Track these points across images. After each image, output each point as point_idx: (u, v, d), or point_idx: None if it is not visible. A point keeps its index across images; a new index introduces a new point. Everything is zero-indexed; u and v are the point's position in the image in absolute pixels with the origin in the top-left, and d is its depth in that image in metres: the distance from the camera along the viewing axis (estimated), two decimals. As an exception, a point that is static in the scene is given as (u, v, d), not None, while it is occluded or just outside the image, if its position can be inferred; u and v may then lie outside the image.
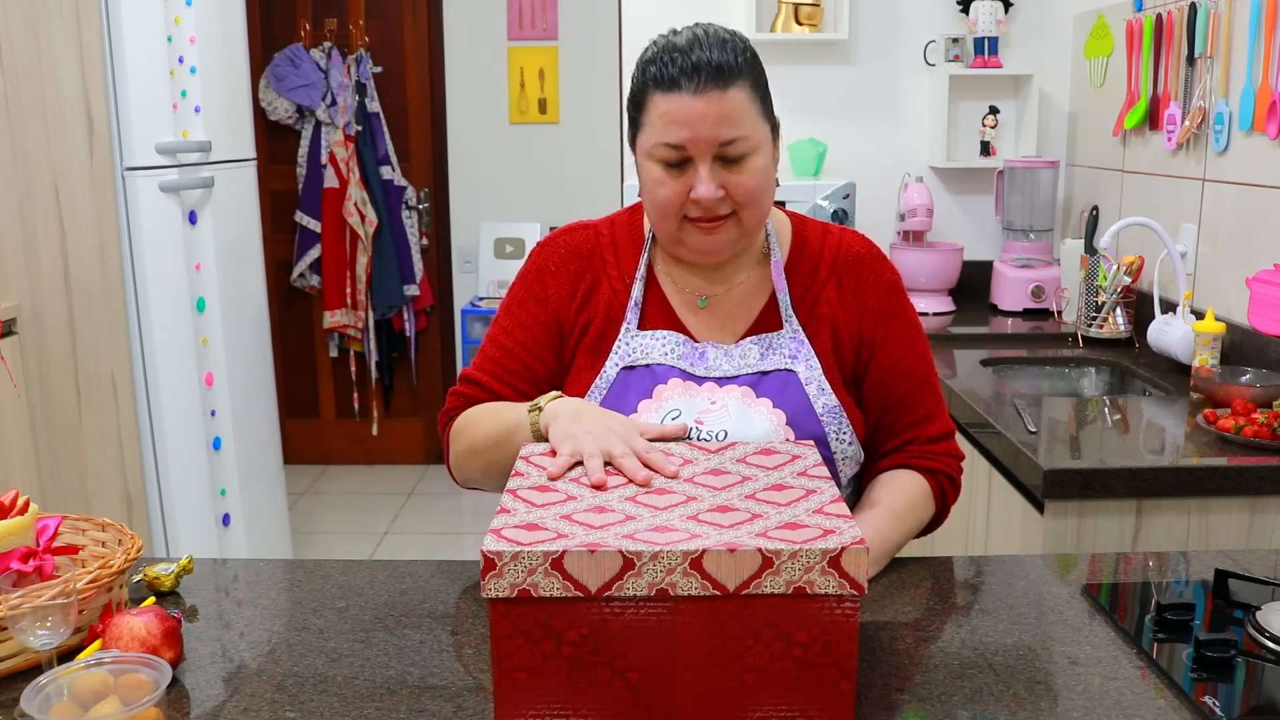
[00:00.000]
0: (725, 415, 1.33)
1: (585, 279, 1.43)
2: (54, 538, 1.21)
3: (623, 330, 1.39)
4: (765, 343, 1.38)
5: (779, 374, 1.36)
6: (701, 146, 1.26)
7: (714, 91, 1.25)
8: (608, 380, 1.37)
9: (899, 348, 1.41)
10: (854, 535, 0.95)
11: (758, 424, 1.33)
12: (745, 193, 1.29)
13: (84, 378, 2.79)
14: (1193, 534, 1.80)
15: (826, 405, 1.35)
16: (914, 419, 1.42)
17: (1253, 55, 2.32)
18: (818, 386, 1.36)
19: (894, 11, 3.35)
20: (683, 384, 1.35)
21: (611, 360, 1.38)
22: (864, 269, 1.42)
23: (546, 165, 4.68)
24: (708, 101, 1.25)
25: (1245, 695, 1.10)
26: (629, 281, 1.42)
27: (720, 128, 1.26)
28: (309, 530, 4.21)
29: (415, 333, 4.82)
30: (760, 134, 1.30)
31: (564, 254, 1.45)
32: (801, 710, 0.96)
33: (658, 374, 1.36)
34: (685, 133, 1.26)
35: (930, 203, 3.25)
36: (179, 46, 2.90)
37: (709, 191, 1.27)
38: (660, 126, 1.28)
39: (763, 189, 1.31)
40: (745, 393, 1.35)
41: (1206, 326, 2.26)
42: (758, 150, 1.29)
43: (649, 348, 1.38)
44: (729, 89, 1.26)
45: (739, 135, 1.27)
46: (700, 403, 1.34)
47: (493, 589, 0.93)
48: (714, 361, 1.37)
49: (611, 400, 1.36)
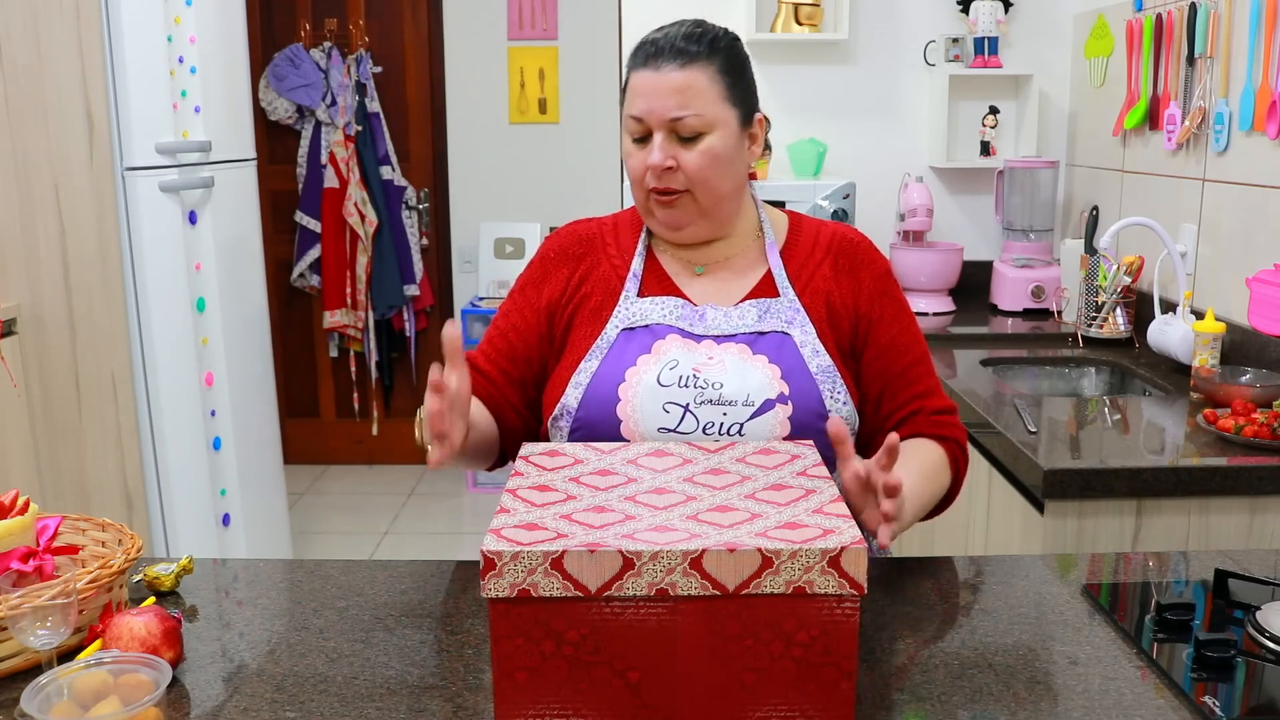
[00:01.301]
0: (722, 368, 1.37)
1: (585, 261, 1.50)
2: (54, 538, 1.21)
3: (622, 298, 1.45)
4: (763, 306, 1.43)
5: (775, 335, 1.41)
6: (654, 118, 1.37)
7: (671, 69, 1.36)
8: (608, 341, 1.42)
9: (895, 326, 1.46)
10: (853, 535, 0.95)
11: (754, 377, 1.37)
12: (694, 169, 1.37)
13: (84, 378, 2.79)
14: (1193, 534, 1.80)
15: (820, 365, 1.40)
16: (917, 392, 1.45)
17: (1253, 55, 2.32)
18: (812, 349, 1.40)
19: (894, 11, 3.35)
20: (681, 339, 1.40)
21: (612, 323, 1.43)
22: (858, 252, 1.49)
23: (546, 165, 4.68)
24: (663, 77, 1.36)
25: (1245, 695, 1.10)
26: (628, 259, 1.49)
27: (671, 101, 1.36)
28: (309, 530, 4.21)
29: (415, 333, 4.82)
30: (718, 115, 1.38)
31: (565, 241, 1.53)
32: (801, 710, 0.96)
33: (656, 332, 1.41)
34: (642, 104, 1.37)
35: (930, 203, 3.25)
36: (179, 46, 2.90)
37: (656, 159, 1.37)
38: (629, 100, 1.40)
39: (715, 169, 1.38)
40: (742, 349, 1.39)
41: (1206, 326, 2.26)
42: (713, 130, 1.37)
43: (648, 311, 1.43)
44: (687, 68, 1.36)
45: (690, 113, 1.36)
46: (698, 356, 1.39)
47: (492, 589, 0.93)
48: (713, 321, 1.42)
49: (611, 358, 1.40)
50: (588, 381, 1.39)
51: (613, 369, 1.39)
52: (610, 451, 1.21)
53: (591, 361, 1.41)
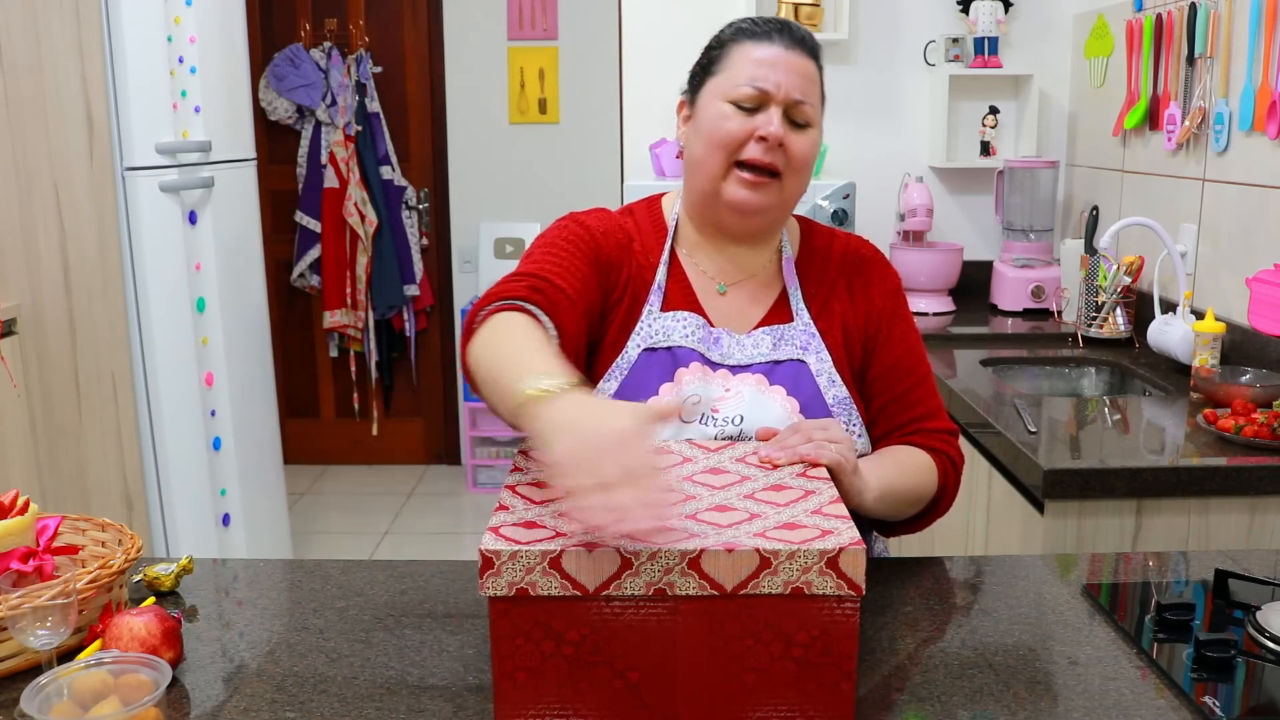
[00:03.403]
0: (740, 401, 1.35)
1: (624, 260, 1.42)
2: (54, 538, 1.21)
3: (645, 312, 1.41)
4: (777, 334, 1.41)
5: (791, 364, 1.39)
6: (782, 93, 1.35)
7: (800, 53, 1.37)
8: (629, 361, 1.38)
9: (900, 346, 1.44)
10: (852, 536, 0.95)
11: (772, 410, 1.35)
12: (799, 154, 1.36)
13: (84, 377, 2.79)
14: (1193, 534, 1.79)
15: (837, 397, 1.38)
16: (916, 415, 1.43)
17: (1253, 55, 2.32)
18: (828, 378, 1.39)
19: (894, 11, 3.35)
20: (702, 368, 1.38)
21: (634, 341, 1.39)
22: (870, 270, 1.47)
23: (546, 165, 4.68)
24: (795, 58, 1.36)
25: (1245, 695, 1.09)
26: (654, 262, 1.44)
27: (800, 82, 1.36)
28: (309, 530, 4.21)
29: (415, 333, 4.82)
30: (819, 115, 1.40)
31: (610, 227, 1.44)
32: (801, 710, 0.96)
33: (679, 357, 1.38)
34: (774, 76, 1.34)
35: (930, 203, 3.25)
36: (179, 46, 2.90)
37: (775, 129, 1.33)
38: (748, 69, 1.36)
39: (811, 160, 1.39)
40: (759, 380, 1.38)
41: (1206, 326, 2.26)
42: (814, 126, 1.38)
43: (670, 329, 1.40)
44: (807, 58, 1.38)
45: (809, 101, 1.36)
46: (715, 389, 1.37)
47: (491, 588, 0.93)
48: (728, 349, 1.40)
49: (632, 381, 1.37)
50: None
51: (632, 396, 1.35)
52: (610, 451, 1.21)
53: (610, 383, 1.37)
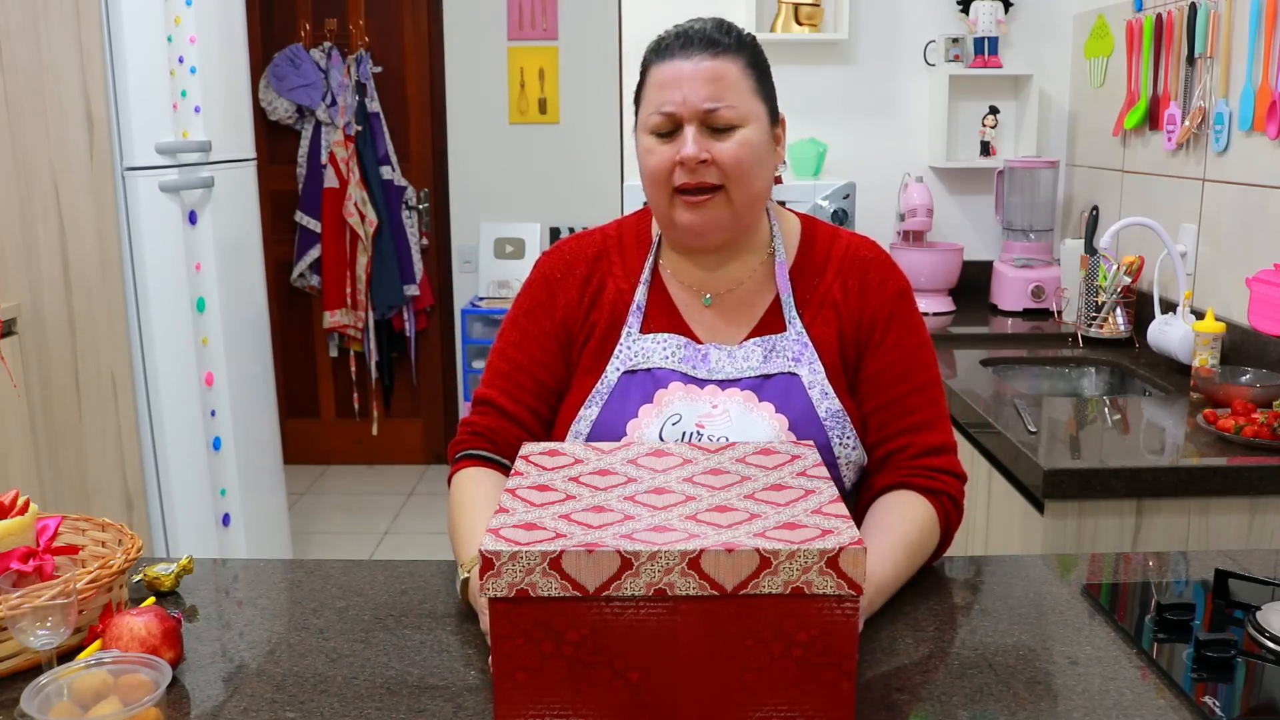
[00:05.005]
0: (726, 420, 1.33)
1: (592, 282, 1.42)
2: (54, 538, 1.21)
3: (624, 334, 1.38)
4: (769, 345, 1.37)
5: (782, 377, 1.35)
6: (689, 109, 1.30)
7: (702, 57, 1.30)
8: (609, 385, 1.36)
9: (895, 352, 1.38)
10: (852, 535, 0.95)
11: (760, 429, 1.32)
12: (731, 161, 1.30)
13: (84, 378, 2.79)
14: (1193, 534, 1.79)
15: (830, 410, 1.34)
16: (908, 425, 1.36)
17: (1253, 55, 2.32)
18: (820, 390, 1.35)
19: (894, 11, 3.35)
20: (684, 388, 1.35)
21: (613, 364, 1.37)
22: (868, 272, 1.41)
23: (546, 165, 4.68)
24: (696, 65, 1.30)
25: (1245, 695, 1.09)
26: (634, 282, 1.41)
27: (705, 90, 1.29)
28: (309, 530, 4.21)
29: (415, 333, 4.82)
30: (750, 109, 1.32)
31: (569, 259, 1.44)
32: (801, 710, 0.96)
33: (659, 378, 1.36)
34: (675, 94, 1.30)
35: (930, 203, 3.25)
36: (179, 46, 2.90)
37: (692, 150, 1.29)
38: (654, 94, 1.33)
39: (751, 163, 1.32)
40: (748, 397, 1.34)
41: (1206, 326, 2.26)
42: (747, 123, 1.31)
43: (650, 351, 1.37)
44: (718, 58, 1.30)
45: (725, 104, 1.30)
46: (702, 406, 1.34)
47: (491, 588, 0.93)
48: (716, 364, 1.37)
49: (613, 405, 1.35)
50: (588, 431, 1.35)
51: (613, 418, 1.34)
52: (610, 451, 1.21)
53: (591, 409, 1.36)
